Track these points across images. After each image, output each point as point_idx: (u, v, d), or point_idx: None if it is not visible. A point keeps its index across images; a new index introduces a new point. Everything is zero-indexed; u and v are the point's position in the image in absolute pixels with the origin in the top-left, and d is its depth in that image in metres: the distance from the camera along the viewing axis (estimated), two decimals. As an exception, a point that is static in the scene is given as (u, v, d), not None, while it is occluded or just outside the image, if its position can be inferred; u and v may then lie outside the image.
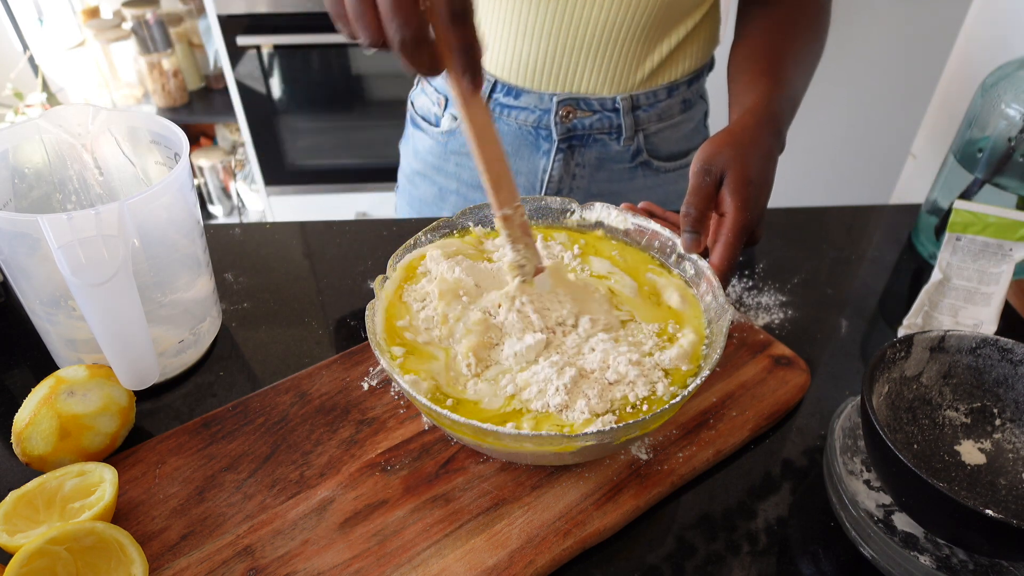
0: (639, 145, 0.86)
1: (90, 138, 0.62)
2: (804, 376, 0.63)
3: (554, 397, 0.50)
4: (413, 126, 0.95)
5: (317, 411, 0.60)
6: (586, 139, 0.84)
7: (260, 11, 1.78)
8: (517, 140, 0.85)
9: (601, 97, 0.81)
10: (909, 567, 0.48)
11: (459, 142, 0.88)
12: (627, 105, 0.82)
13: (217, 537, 0.51)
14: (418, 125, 0.93)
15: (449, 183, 0.92)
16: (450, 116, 0.87)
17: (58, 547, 0.45)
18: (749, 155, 0.59)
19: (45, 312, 0.58)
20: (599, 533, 0.51)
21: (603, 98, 0.81)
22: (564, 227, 0.66)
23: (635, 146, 0.85)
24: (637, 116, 0.83)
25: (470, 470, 0.55)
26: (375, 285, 0.56)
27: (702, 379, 0.49)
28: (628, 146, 0.85)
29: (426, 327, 0.56)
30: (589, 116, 0.82)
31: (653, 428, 0.49)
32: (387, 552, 0.50)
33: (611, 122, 0.83)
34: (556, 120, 0.82)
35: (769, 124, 0.62)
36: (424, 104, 0.92)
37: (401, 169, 1.02)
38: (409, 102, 0.96)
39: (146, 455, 0.56)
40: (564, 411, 0.50)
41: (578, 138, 0.84)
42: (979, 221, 0.67)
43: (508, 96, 0.82)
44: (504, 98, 0.82)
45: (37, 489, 0.50)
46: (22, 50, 2.06)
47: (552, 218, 0.66)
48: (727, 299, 0.55)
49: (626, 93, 0.81)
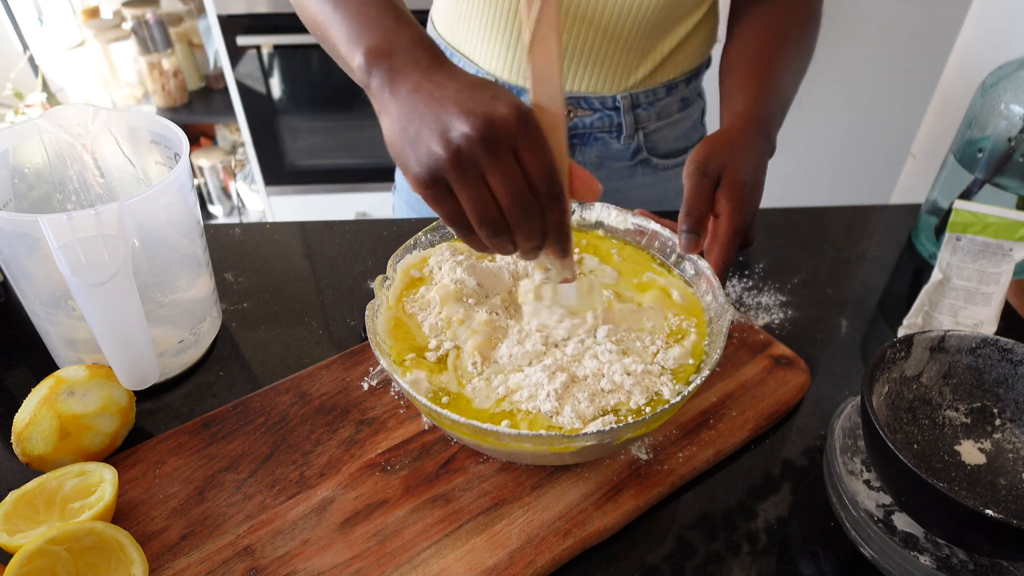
0: (639, 143, 0.86)
1: (90, 138, 0.62)
2: (804, 376, 0.63)
3: (544, 403, 0.50)
4: None
5: (317, 411, 0.60)
6: (587, 138, 0.85)
7: (260, 11, 1.77)
8: None
9: (602, 96, 0.81)
10: (909, 567, 0.48)
11: None
12: (627, 104, 0.82)
13: (217, 537, 0.51)
14: None
15: None
16: None
17: (58, 547, 0.45)
18: (743, 157, 0.59)
19: (45, 312, 0.58)
20: (599, 533, 0.51)
21: (604, 97, 0.81)
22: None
23: (635, 144, 0.86)
24: (637, 114, 0.83)
25: (470, 470, 0.55)
26: (375, 285, 0.57)
27: (702, 379, 0.49)
28: (628, 144, 0.86)
29: (433, 335, 0.56)
30: (590, 115, 0.83)
31: (653, 428, 0.49)
32: (387, 552, 0.50)
33: (612, 120, 0.83)
34: None
35: (760, 128, 0.63)
36: None
37: (398, 176, 1.02)
38: None
39: (146, 455, 0.56)
40: (555, 416, 0.50)
41: (579, 137, 0.84)
42: (979, 221, 0.67)
43: None
44: None
45: (37, 489, 0.50)
46: (22, 50, 2.06)
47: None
48: (727, 299, 0.55)
49: (626, 92, 0.81)
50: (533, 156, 0.42)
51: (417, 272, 0.61)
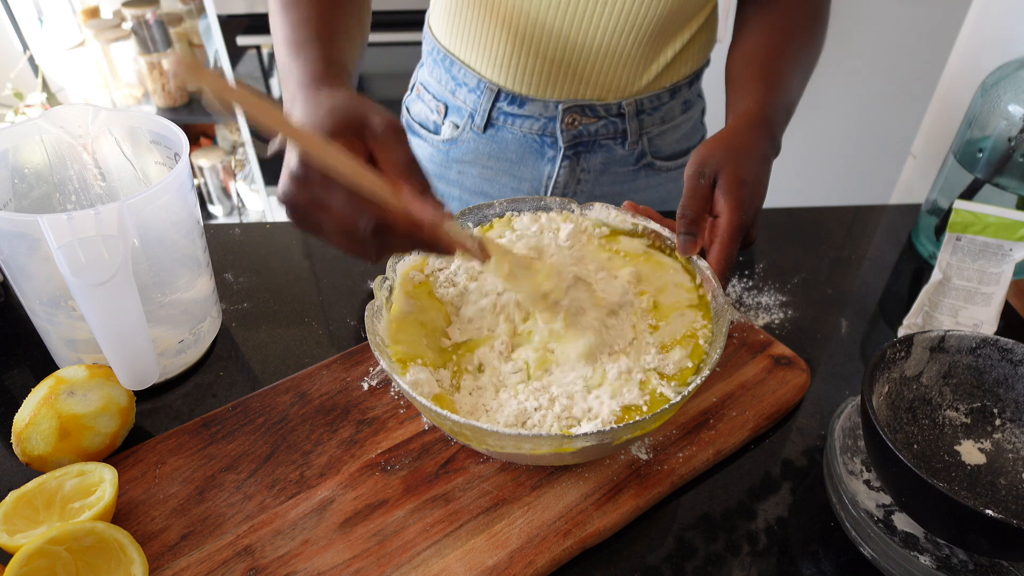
0: (643, 148, 0.86)
1: (90, 138, 0.62)
2: (804, 376, 0.63)
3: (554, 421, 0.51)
4: (410, 132, 0.93)
5: (317, 411, 0.60)
6: (591, 145, 0.84)
7: (260, 11, 1.77)
8: (522, 148, 0.84)
9: (606, 103, 0.81)
10: (909, 567, 0.48)
11: (461, 150, 0.87)
12: (632, 110, 0.82)
13: (217, 537, 0.51)
14: (415, 132, 0.92)
15: (451, 190, 0.91)
16: (451, 124, 0.86)
17: (58, 547, 0.45)
18: (742, 157, 0.59)
19: (45, 312, 0.58)
20: (599, 533, 0.51)
21: (608, 104, 0.81)
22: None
23: (639, 149, 0.86)
24: (641, 120, 0.83)
25: (470, 470, 0.55)
26: (374, 286, 0.56)
27: (702, 379, 0.49)
28: (633, 149, 0.85)
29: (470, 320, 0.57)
30: (594, 122, 0.82)
31: (653, 428, 0.49)
32: (387, 552, 0.50)
33: (616, 127, 0.83)
34: (562, 127, 0.82)
35: (763, 128, 0.63)
36: (421, 111, 0.90)
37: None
38: (404, 108, 0.95)
39: (146, 455, 0.56)
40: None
41: (584, 144, 0.84)
42: (979, 221, 0.67)
43: (512, 105, 0.81)
44: (508, 107, 0.81)
45: (37, 489, 0.50)
46: (22, 50, 2.06)
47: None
48: (727, 299, 0.55)
49: (631, 98, 0.81)
50: (338, 198, 0.44)
51: (417, 274, 0.61)
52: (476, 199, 0.90)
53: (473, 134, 0.84)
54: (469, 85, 0.82)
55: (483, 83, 0.81)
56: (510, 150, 0.84)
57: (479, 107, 0.82)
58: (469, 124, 0.84)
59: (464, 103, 0.83)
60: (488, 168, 0.87)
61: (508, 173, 0.86)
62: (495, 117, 0.82)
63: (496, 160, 0.86)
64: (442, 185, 0.92)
